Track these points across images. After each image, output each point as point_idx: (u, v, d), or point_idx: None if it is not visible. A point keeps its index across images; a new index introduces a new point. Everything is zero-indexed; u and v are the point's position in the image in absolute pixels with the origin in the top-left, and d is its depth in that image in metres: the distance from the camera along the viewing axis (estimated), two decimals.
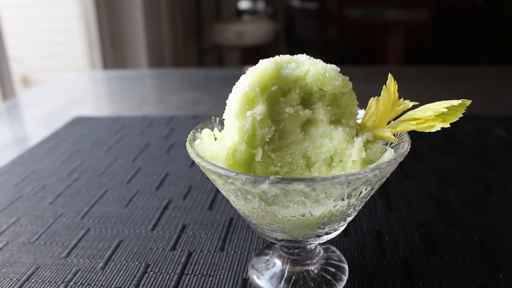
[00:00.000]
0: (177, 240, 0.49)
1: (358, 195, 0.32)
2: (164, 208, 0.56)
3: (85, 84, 1.32)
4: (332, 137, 0.35)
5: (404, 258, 0.45)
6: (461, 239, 0.48)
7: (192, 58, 3.29)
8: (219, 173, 0.31)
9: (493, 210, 0.53)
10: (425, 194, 0.57)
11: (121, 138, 0.80)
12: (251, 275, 0.43)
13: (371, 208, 0.54)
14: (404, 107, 0.37)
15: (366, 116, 0.38)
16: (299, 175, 0.35)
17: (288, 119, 0.35)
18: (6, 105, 1.08)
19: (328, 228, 0.35)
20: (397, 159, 0.32)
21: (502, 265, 0.43)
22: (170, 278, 0.43)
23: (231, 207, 0.55)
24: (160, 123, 0.87)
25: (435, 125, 0.34)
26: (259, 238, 0.49)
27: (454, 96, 0.35)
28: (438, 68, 1.36)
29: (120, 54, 2.41)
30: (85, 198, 0.59)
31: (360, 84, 0.60)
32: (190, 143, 0.36)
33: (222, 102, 0.37)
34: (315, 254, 0.43)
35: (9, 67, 1.70)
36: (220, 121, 0.41)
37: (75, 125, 0.88)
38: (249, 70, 0.35)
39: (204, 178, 0.63)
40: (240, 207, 0.35)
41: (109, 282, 0.42)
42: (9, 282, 0.43)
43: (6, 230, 0.52)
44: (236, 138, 0.34)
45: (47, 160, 0.71)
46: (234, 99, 0.35)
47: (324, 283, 0.41)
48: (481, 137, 0.76)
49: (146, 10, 2.41)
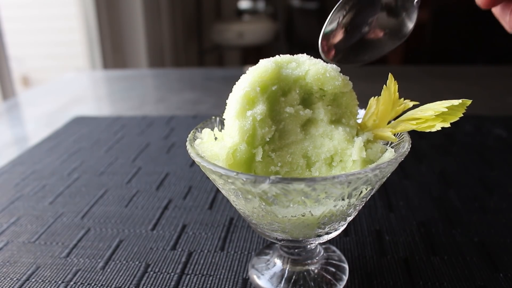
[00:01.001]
0: (177, 240, 0.49)
1: (358, 195, 0.32)
2: (164, 208, 0.56)
3: (85, 84, 1.32)
4: (333, 137, 0.35)
5: (405, 257, 0.45)
6: (461, 238, 0.48)
7: (192, 58, 3.29)
8: (219, 173, 0.31)
9: (493, 209, 0.53)
10: (425, 194, 0.57)
11: (121, 138, 0.80)
12: (252, 275, 0.43)
13: (372, 208, 0.54)
14: (404, 107, 0.37)
15: (367, 116, 0.38)
16: (300, 175, 0.35)
17: (288, 119, 0.35)
18: (6, 105, 1.08)
19: (328, 228, 0.35)
20: (397, 158, 0.32)
21: (502, 265, 0.43)
22: (170, 278, 0.43)
23: (231, 207, 0.55)
24: (160, 123, 0.87)
25: (436, 125, 0.34)
26: (259, 238, 0.49)
27: (454, 96, 0.35)
28: (438, 68, 1.36)
29: (120, 54, 2.41)
30: (85, 198, 0.59)
31: (360, 84, 0.60)
32: (190, 143, 0.36)
33: (222, 102, 0.37)
34: (315, 254, 0.43)
35: (9, 67, 1.70)
36: (220, 120, 0.41)
37: (75, 125, 0.88)
38: (249, 70, 0.35)
39: (204, 178, 0.63)
40: (241, 207, 0.35)
41: (109, 282, 0.42)
42: (9, 282, 0.43)
43: (6, 230, 0.52)
44: (236, 137, 0.34)
45: (47, 160, 0.71)
46: (234, 99, 0.35)
47: (324, 283, 0.41)
48: (481, 137, 0.76)
49: (146, 10, 2.41)
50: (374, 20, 0.34)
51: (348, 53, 0.34)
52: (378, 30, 0.34)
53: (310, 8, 3.19)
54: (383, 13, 0.34)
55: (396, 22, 0.34)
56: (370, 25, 0.34)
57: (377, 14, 0.34)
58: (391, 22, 0.34)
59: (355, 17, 0.34)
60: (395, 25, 0.34)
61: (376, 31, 0.34)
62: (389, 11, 0.34)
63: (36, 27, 2.53)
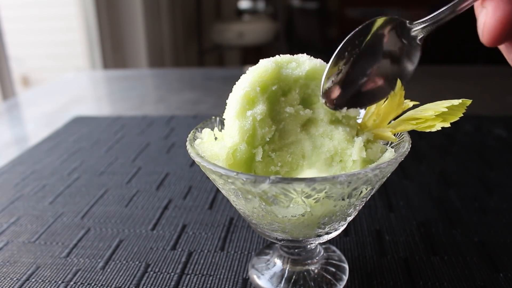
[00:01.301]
0: (177, 239, 0.49)
1: (358, 195, 0.32)
2: (164, 208, 0.56)
3: (85, 84, 1.32)
4: (333, 137, 0.35)
5: (405, 257, 0.45)
6: (461, 238, 0.48)
7: (192, 57, 3.29)
8: (219, 172, 0.31)
9: (493, 209, 0.53)
10: (425, 194, 0.57)
11: (121, 138, 0.80)
12: (252, 275, 0.43)
13: (372, 208, 0.54)
14: (404, 107, 0.37)
15: (367, 115, 0.38)
16: (300, 175, 0.35)
17: (289, 119, 0.35)
18: (6, 105, 1.08)
19: (328, 228, 0.35)
20: (397, 158, 0.32)
21: (502, 265, 0.43)
22: (170, 278, 0.43)
23: (231, 206, 0.55)
24: (160, 122, 0.87)
25: (436, 125, 0.34)
26: (259, 238, 0.49)
27: (454, 96, 0.35)
28: (438, 68, 1.36)
29: (120, 54, 2.41)
30: (85, 197, 0.59)
31: None
32: (191, 143, 0.36)
33: (222, 102, 0.37)
34: (315, 253, 0.43)
35: (9, 67, 1.70)
36: (220, 120, 0.41)
37: (75, 125, 0.88)
38: (249, 69, 0.35)
39: (204, 177, 0.63)
40: (241, 207, 0.35)
41: (109, 282, 0.42)
42: (9, 282, 0.43)
43: (6, 229, 0.52)
44: (237, 137, 0.34)
45: (47, 159, 0.71)
46: (234, 99, 0.35)
47: (324, 283, 0.41)
48: (481, 137, 0.76)
49: (146, 9, 2.41)
50: (375, 69, 0.34)
51: (349, 101, 0.34)
52: (378, 78, 0.34)
53: (310, 8, 3.19)
54: (385, 61, 0.34)
55: (398, 68, 0.34)
56: (370, 75, 0.34)
57: (379, 62, 0.34)
58: (394, 68, 0.34)
59: (355, 67, 0.34)
60: (397, 69, 0.34)
61: (377, 80, 0.34)
62: (391, 57, 0.33)
63: (36, 27, 2.53)
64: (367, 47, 0.33)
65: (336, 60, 0.34)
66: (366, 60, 0.34)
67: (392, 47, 0.33)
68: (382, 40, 0.33)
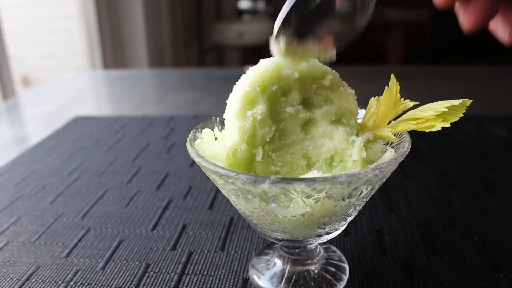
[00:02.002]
0: (178, 240, 0.49)
1: (358, 195, 0.32)
2: (165, 208, 0.56)
3: (85, 84, 1.32)
4: (333, 137, 0.35)
5: (405, 257, 0.45)
6: (461, 238, 0.48)
7: (192, 57, 3.29)
8: (219, 173, 0.31)
9: (494, 210, 0.53)
10: (425, 194, 0.57)
11: (121, 138, 0.80)
12: (252, 275, 0.43)
13: (372, 208, 0.54)
14: (404, 107, 0.37)
15: (367, 115, 0.38)
16: (300, 175, 0.35)
17: (289, 119, 0.35)
18: (6, 105, 1.08)
19: (328, 228, 0.35)
20: (397, 158, 0.32)
21: (502, 265, 0.43)
22: (170, 278, 0.43)
23: (231, 207, 0.55)
24: (161, 122, 0.87)
25: (436, 125, 0.34)
26: (260, 238, 0.49)
27: (454, 96, 0.35)
28: (438, 68, 1.36)
29: (120, 54, 2.41)
30: (86, 197, 0.59)
31: (360, 84, 0.60)
32: (191, 143, 0.36)
33: (223, 102, 0.37)
34: (315, 254, 0.43)
35: (9, 67, 1.70)
36: (221, 120, 0.41)
37: (75, 125, 0.88)
38: (250, 69, 0.35)
39: (204, 178, 0.63)
40: (241, 207, 0.35)
41: (110, 282, 0.42)
42: (9, 282, 0.43)
43: (7, 229, 0.52)
44: (237, 137, 0.34)
45: (47, 159, 0.71)
46: (234, 99, 0.35)
47: (324, 283, 0.41)
48: (481, 137, 0.76)
49: (147, 9, 2.41)
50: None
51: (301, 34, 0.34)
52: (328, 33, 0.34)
53: None
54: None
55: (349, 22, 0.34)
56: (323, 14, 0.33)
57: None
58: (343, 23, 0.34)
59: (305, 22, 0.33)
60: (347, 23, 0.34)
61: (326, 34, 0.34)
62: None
63: (36, 27, 2.53)
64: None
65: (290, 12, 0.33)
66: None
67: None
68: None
